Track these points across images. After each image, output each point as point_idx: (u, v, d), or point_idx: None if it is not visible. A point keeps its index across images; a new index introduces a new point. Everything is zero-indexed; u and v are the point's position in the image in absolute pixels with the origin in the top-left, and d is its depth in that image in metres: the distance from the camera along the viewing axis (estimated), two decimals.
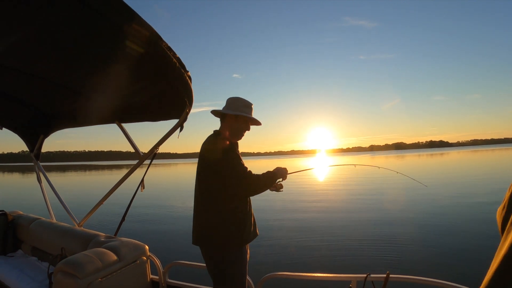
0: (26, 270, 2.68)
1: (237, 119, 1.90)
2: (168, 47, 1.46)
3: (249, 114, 1.92)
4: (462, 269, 4.49)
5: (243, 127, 1.92)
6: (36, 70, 2.09)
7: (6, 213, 3.28)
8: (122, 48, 1.49)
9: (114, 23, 1.30)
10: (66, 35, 1.50)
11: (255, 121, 1.98)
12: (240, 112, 1.88)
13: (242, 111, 1.89)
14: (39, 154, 3.68)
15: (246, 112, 1.90)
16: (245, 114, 1.88)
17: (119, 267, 2.12)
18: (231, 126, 1.90)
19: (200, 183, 1.83)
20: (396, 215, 8.54)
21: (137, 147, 2.64)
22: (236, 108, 1.89)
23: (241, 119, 1.90)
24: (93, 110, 2.63)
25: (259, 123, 2.01)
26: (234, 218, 1.78)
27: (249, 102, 1.94)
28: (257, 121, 1.99)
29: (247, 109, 1.91)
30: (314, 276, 2.12)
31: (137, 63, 1.63)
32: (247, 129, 1.95)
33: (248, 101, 1.93)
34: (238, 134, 1.92)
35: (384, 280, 1.91)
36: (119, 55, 1.59)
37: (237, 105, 1.90)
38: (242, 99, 1.93)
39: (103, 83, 2.09)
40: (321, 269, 4.59)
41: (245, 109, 1.90)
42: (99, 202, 3.00)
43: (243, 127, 1.92)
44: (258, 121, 1.99)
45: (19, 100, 2.96)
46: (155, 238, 6.82)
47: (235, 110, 1.88)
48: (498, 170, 22.53)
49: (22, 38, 1.54)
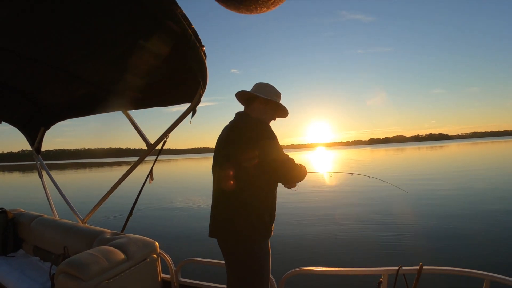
0: (27, 271, 2.52)
1: (267, 104, 1.73)
2: (183, 14, 1.23)
3: (280, 103, 1.79)
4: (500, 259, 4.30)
5: (271, 115, 1.78)
6: (30, 52, 1.88)
7: (6, 210, 3.13)
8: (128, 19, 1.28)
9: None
10: (62, 8, 1.29)
11: (283, 111, 1.83)
12: (272, 98, 1.72)
13: (273, 98, 1.74)
14: (39, 148, 3.52)
15: (279, 101, 1.77)
16: (276, 100, 1.75)
17: (127, 266, 1.95)
18: (259, 111, 1.73)
19: (225, 170, 1.61)
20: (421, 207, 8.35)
21: (145, 136, 2.46)
22: (267, 94, 1.73)
23: (271, 105, 1.75)
24: (97, 97, 2.43)
25: (286, 114, 1.86)
26: (266, 207, 1.60)
27: (279, 92, 1.79)
28: (284, 112, 1.84)
29: (277, 98, 1.77)
30: (341, 271, 1.96)
31: (146, 35, 1.42)
32: (273, 119, 1.81)
33: (278, 90, 1.78)
34: (268, 121, 1.77)
35: (417, 273, 1.79)
36: (125, 27, 1.38)
37: (269, 90, 1.75)
38: (273, 86, 1.78)
39: (107, 64, 1.88)
40: (348, 264, 4.38)
41: (275, 97, 1.76)
42: (104, 197, 2.82)
43: (271, 115, 1.78)
44: (287, 111, 1.83)
45: (16, 90, 2.76)
46: (166, 234, 6.49)
47: (266, 95, 1.71)
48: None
49: (12, 13, 1.34)
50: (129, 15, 1.30)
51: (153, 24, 1.33)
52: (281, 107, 1.80)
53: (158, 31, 1.39)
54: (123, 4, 1.24)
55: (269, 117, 1.77)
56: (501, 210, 7.15)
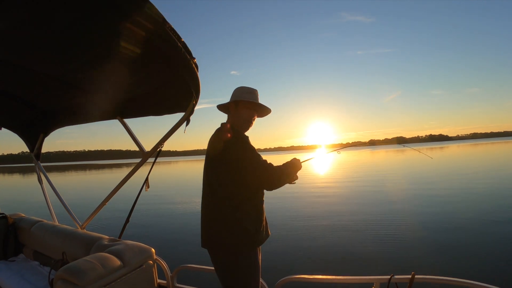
0: (27, 276, 2.57)
1: (238, 106, 1.72)
2: (172, 29, 1.29)
3: (252, 100, 1.73)
4: (495, 269, 4.24)
5: (248, 114, 1.73)
6: (29, 63, 1.94)
7: (6, 216, 3.18)
8: (121, 33, 1.33)
9: (112, 3, 1.15)
10: (60, 20, 1.35)
11: (261, 107, 1.77)
12: (242, 98, 1.71)
13: (243, 97, 1.71)
14: (39, 154, 3.59)
15: (248, 98, 1.72)
16: (244, 99, 1.70)
17: (123, 272, 1.99)
18: (235, 116, 1.74)
19: (209, 180, 1.67)
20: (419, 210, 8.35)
21: (140, 144, 2.50)
22: (235, 96, 1.73)
23: (243, 105, 1.72)
24: (94, 105, 2.49)
25: (267, 109, 1.80)
26: (250, 217, 1.62)
27: (253, 89, 1.75)
28: (263, 106, 1.78)
29: (249, 95, 1.72)
30: (334, 279, 1.99)
31: (139, 49, 1.48)
32: (253, 116, 1.75)
33: (251, 88, 1.75)
34: (244, 124, 1.74)
35: (409, 281, 1.80)
36: (119, 41, 1.44)
37: (240, 93, 1.73)
38: (244, 86, 1.76)
39: (103, 74, 1.94)
40: (341, 271, 4.38)
41: (246, 95, 1.72)
42: (102, 203, 2.87)
43: (248, 114, 1.73)
44: (265, 106, 1.77)
45: (16, 97, 2.82)
46: (162, 240, 6.53)
47: (234, 98, 1.72)
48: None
49: (11, 26, 1.40)
50: (122, 31, 1.36)
51: (145, 40, 1.39)
52: (256, 103, 1.73)
53: (150, 47, 1.45)
54: (116, 21, 1.30)
55: (246, 117, 1.73)
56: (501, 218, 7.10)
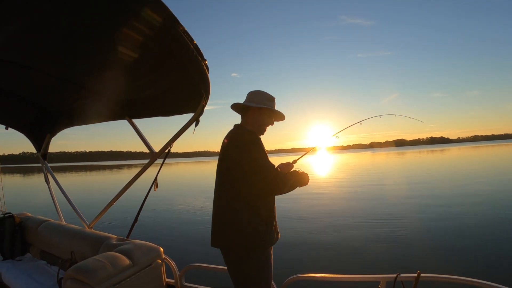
0: (34, 275, 2.57)
1: (261, 112, 1.79)
2: (185, 31, 1.29)
3: (273, 108, 1.82)
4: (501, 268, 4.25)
5: (267, 121, 1.82)
6: (38, 64, 1.96)
7: (13, 215, 3.19)
8: (132, 34, 1.34)
9: (123, 3, 1.15)
10: (69, 22, 1.35)
11: (279, 115, 1.88)
12: (264, 105, 1.77)
13: (266, 104, 1.78)
14: (46, 154, 3.60)
15: (270, 106, 1.80)
16: (269, 107, 1.78)
17: (133, 272, 2.00)
18: (253, 119, 1.79)
19: (222, 180, 1.70)
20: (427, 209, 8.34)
21: (149, 144, 2.51)
22: (259, 101, 1.78)
23: (265, 112, 1.79)
24: (102, 105, 2.50)
25: (283, 117, 1.90)
26: (261, 217, 1.65)
27: (272, 96, 1.84)
28: (281, 115, 1.89)
29: (270, 103, 1.82)
30: (340, 277, 2.01)
31: (150, 50, 1.49)
32: (271, 124, 1.86)
33: (271, 94, 1.82)
34: (261, 129, 1.82)
35: (414, 280, 1.83)
36: (129, 42, 1.44)
37: (260, 98, 1.79)
38: (265, 92, 1.82)
39: (112, 75, 1.94)
40: (348, 270, 4.41)
41: (268, 102, 1.81)
42: (110, 203, 2.88)
43: (267, 121, 1.82)
44: (282, 115, 1.88)
45: (23, 98, 2.84)
46: (170, 240, 6.58)
47: (258, 103, 1.77)
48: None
49: (21, 29, 1.41)
50: (133, 33, 1.36)
51: (157, 42, 1.40)
52: (275, 112, 1.84)
53: (162, 48, 1.45)
54: (127, 22, 1.30)
55: (265, 123, 1.82)
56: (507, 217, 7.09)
